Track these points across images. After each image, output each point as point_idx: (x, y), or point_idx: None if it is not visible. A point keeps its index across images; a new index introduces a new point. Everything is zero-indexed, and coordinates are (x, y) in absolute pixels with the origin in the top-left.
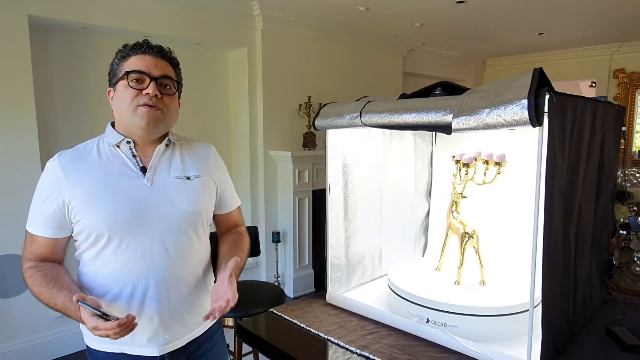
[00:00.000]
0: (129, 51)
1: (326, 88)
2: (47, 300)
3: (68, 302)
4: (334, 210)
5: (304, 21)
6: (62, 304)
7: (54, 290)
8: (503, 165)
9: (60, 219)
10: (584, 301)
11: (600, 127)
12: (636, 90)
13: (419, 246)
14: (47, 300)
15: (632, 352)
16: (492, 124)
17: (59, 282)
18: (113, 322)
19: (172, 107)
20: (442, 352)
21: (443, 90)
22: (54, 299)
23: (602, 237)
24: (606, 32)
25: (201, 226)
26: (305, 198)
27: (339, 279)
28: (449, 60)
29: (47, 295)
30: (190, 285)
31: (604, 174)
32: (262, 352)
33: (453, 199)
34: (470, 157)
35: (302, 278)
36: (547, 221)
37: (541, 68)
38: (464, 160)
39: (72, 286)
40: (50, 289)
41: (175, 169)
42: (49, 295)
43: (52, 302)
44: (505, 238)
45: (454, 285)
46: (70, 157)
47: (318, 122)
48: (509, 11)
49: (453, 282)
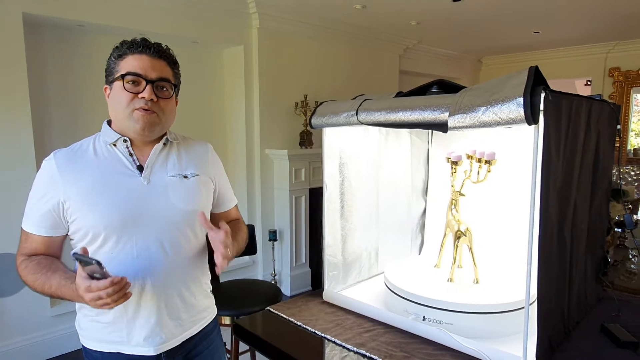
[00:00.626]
0: (126, 49)
1: (323, 86)
2: (42, 285)
3: (63, 280)
4: (331, 208)
5: (300, 19)
6: (58, 284)
7: (49, 274)
8: (493, 163)
9: (55, 218)
10: (579, 298)
11: (595, 125)
12: (631, 88)
13: (416, 244)
14: (41, 286)
15: (627, 348)
16: (488, 122)
17: (54, 267)
18: (106, 280)
19: (169, 109)
20: (438, 350)
21: (439, 89)
22: (49, 281)
23: (597, 235)
24: (601, 30)
25: (198, 225)
26: (302, 196)
27: (336, 277)
28: (445, 58)
29: (42, 280)
30: (186, 284)
31: (599, 172)
32: (259, 350)
33: (452, 197)
34: (457, 155)
35: (298, 276)
36: (542, 219)
37: (537, 66)
38: (452, 158)
39: (67, 271)
40: (44, 274)
41: (173, 167)
42: (44, 280)
43: (47, 287)
44: (501, 235)
45: (447, 282)
46: (66, 155)
47: (314, 120)
48: (505, 10)
49: (446, 280)
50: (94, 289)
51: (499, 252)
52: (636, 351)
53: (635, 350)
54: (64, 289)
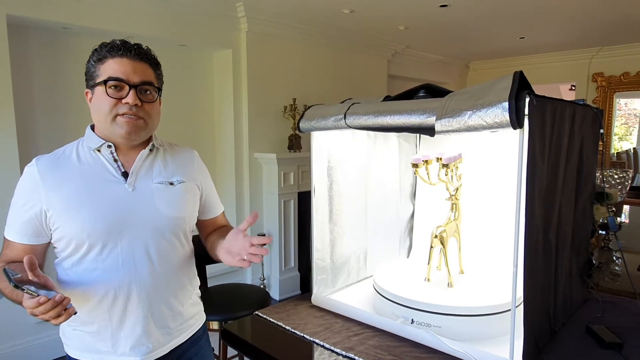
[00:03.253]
0: (106, 53)
1: (311, 90)
2: (10, 292)
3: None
4: (319, 212)
5: (289, 23)
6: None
7: None
8: (450, 167)
9: (37, 226)
10: (565, 300)
11: (579, 129)
12: (614, 93)
13: (404, 247)
14: (10, 292)
15: (611, 349)
16: (474, 126)
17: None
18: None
19: (154, 113)
20: (426, 353)
21: (426, 93)
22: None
23: (581, 237)
24: (585, 36)
25: (184, 232)
26: (291, 200)
27: (325, 281)
28: (432, 63)
29: (4, 284)
30: (173, 292)
31: (583, 175)
32: (247, 355)
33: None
34: (417, 158)
35: (287, 280)
36: (527, 221)
37: (521, 71)
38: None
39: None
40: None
41: (159, 174)
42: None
43: (7, 291)
44: (487, 238)
45: (427, 283)
46: (48, 162)
47: (303, 124)
48: (491, 15)
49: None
50: (26, 307)
51: (485, 254)
52: (620, 352)
53: (620, 351)
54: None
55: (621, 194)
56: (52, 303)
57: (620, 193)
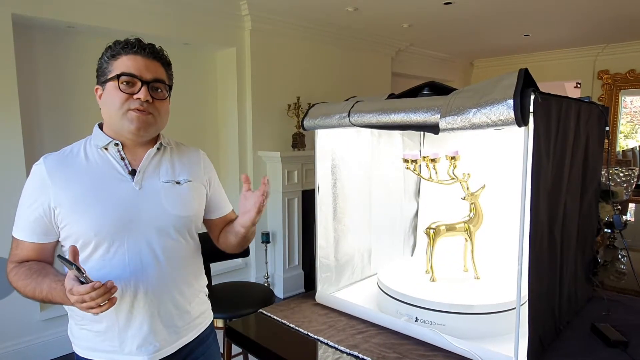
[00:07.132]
0: (120, 50)
1: (315, 88)
2: (33, 291)
3: (54, 283)
4: (323, 210)
5: (292, 21)
6: (48, 288)
7: (39, 279)
8: (437, 161)
9: (46, 224)
10: (570, 298)
11: (584, 127)
12: (620, 90)
13: (408, 245)
14: (32, 291)
15: (617, 348)
16: (478, 123)
17: (44, 272)
18: (87, 285)
19: (164, 110)
20: (430, 351)
21: (431, 91)
22: (40, 286)
23: (586, 235)
24: (590, 34)
25: (190, 231)
26: (295, 198)
27: (329, 279)
28: (436, 61)
29: (32, 285)
30: (181, 290)
31: (588, 173)
32: (252, 353)
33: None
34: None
35: (291, 278)
36: (532, 219)
37: (526, 69)
38: (404, 157)
39: (58, 274)
40: (35, 279)
41: (165, 173)
42: (34, 285)
43: (37, 291)
44: (492, 236)
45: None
46: (56, 160)
47: (307, 122)
48: (496, 13)
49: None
50: (76, 293)
51: (491, 252)
52: (626, 350)
53: (625, 350)
54: (54, 292)
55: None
56: (104, 288)
57: (626, 191)
